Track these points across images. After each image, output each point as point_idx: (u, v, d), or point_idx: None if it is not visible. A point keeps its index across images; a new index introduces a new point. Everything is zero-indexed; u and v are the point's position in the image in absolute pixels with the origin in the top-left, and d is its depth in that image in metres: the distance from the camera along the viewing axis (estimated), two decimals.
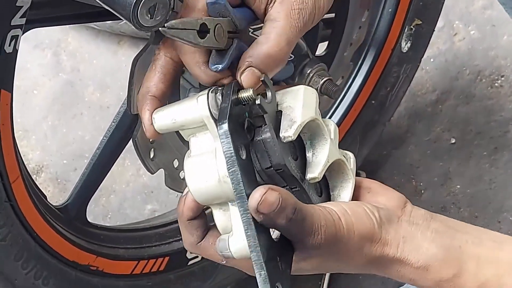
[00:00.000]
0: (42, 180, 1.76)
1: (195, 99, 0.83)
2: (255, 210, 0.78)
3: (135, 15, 0.84)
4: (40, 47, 1.95)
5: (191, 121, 0.83)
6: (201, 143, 0.83)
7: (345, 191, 0.88)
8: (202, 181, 0.81)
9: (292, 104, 0.84)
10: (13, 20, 1.00)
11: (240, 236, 0.80)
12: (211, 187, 0.81)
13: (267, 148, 0.81)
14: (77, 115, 1.86)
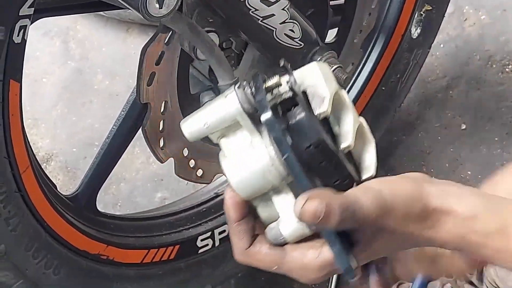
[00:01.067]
0: (52, 169, 1.76)
1: (223, 97, 0.83)
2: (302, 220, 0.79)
3: (144, 5, 0.84)
4: (48, 35, 1.95)
5: (223, 120, 0.83)
6: (235, 141, 0.84)
7: (368, 153, 0.88)
8: (245, 175, 0.82)
9: (313, 82, 0.85)
10: (21, 10, 1.00)
11: (290, 219, 0.82)
12: (255, 179, 0.82)
13: (304, 127, 0.81)
14: (86, 103, 1.86)
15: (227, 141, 0.84)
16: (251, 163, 0.82)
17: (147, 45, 1.14)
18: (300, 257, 0.84)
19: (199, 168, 1.32)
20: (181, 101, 1.23)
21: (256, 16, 1.10)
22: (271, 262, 0.84)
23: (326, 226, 0.79)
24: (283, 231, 0.83)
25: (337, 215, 0.78)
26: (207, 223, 1.43)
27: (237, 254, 0.86)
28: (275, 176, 0.82)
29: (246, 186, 0.82)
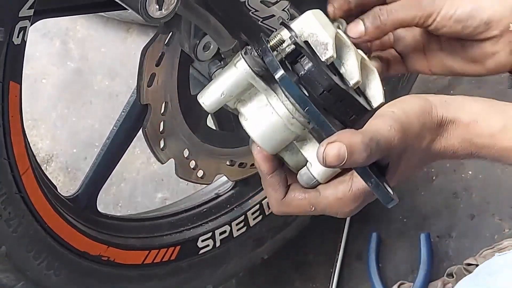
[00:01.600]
0: (52, 169, 1.77)
1: (233, 66, 0.88)
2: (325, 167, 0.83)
3: (144, 7, 0.84)
4: (48, 35, 1.95)
5: (238, 87, 0.88)
6: (252, 103, 0.89)
7: (373, 83, 0.95)
8: (268, 130, 0.88)
9: (312, 30, 0.91)
10: (21, 12, 1.00)
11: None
12: (279, 133, 0.88)
13: (315, 75, 0.87)
14: (86, 104, 1.86)
15: (245, 104, 0.90)
16: (272, 118, 0.88)
17: (147, 46, 1.14)
18: (334, 193, 0.89)
19: (200, 169, 1.32)
20: (182, 102, 1.23)
21: (256, 17, 1.10)
22: (308, 204, 0.90)
23: (353, 163, 0.83)
24: (314, 173, 0.89)
25: (362, 151, 0.82)
26: (207, 224, 1.43)
27: (274, 206, 0.92)
28: (297, 127, 0.88)
29: (270, 140, 0.88)
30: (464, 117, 0.89)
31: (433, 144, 0.89)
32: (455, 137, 0.89)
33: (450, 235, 1.67)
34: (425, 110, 0.88)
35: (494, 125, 0.89)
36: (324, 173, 0.89)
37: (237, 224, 1.45)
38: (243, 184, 1.45)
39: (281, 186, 0.91)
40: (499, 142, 0.89)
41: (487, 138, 0.89)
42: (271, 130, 0.88)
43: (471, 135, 0.89)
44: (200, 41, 1.16)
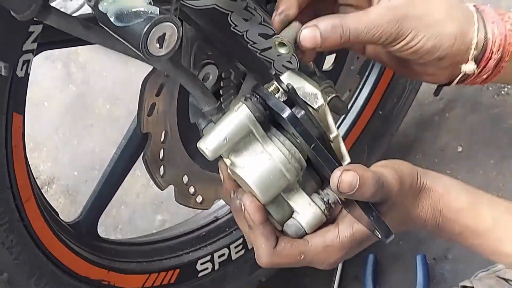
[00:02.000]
0: (53, 192, 1.78)
1: (234, 111, 0.90)
2: (337, 191, 0.86)
3: (145, 45, 0.86)
4: (50, 59, 1.97)
5: (239, 132, 0.89)
6: (247, 152, 0.90)
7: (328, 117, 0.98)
8: (266, 177, 0.89)
9: (299, 84, 0.95)
10: (24, 45, 1.01)
11: (305, 211, 0.90)
12: (276, 180, 0.89)
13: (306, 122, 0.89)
14: (88, 127, 1.88)
15: (239, 154, 0.91)
16: (269, 164, 0.89)
17: (148, 76, 1.17)
18: (322, 241, 0.91)
19: (199, 195, 1.34)
20: (181, 130, 1.25)
21: (254, 49, 1.12)
22: (298, 253, 0.90)
23: (361, 195, 0.85)
24: (302, 222, 0.91)
25: (371, 186, 0.85)
26: (206, 247, 1.44)
27: (264, 256, 0.91)
28: (292, 173, 0.90)
29: (267, 186, 0.89)
30: (439, 188, 0.93)
31: (412, 207, 0.92)
32: (428, 204, 0.92)
33: (446, 257, 1.69)
34: (413, 173, 0.92)
35: (463, 200, 0.93)
36: (311, 223, 0.91)
37: (235, 247, 1.46)
38: None
39: (272, 235, 0.91)
40: (463, 219, 0.93)
41: (453, 213, 0.93)
42: (268, 175, 0.89)
43: (441, 205, 0.93)
44: (199, 73, 1.19)
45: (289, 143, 0.90)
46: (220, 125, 0.90)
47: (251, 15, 1.08)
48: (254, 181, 0.89)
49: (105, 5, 0.87)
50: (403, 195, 0.90)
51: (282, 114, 0.88)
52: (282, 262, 0.91)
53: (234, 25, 1.08)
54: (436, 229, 0.94)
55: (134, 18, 0.86)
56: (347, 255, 0.92)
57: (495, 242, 0.94)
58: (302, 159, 0.90)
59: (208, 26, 1.09)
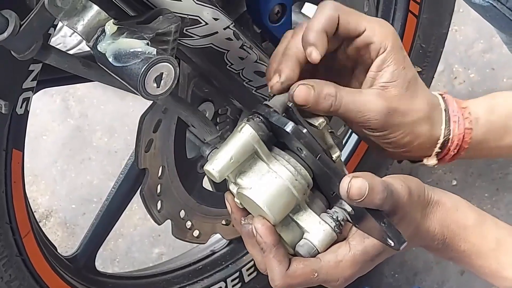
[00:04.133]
0: (51, 225, 1.79)
1: (238, 132, 0.90)
2: (346, 197, 0.86)
3: (142, 85, 0.88)
4: (49, 93, 1.99)
5: (245, 151, 0.90)
6: (254, 173, 0.91)
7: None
8: (275, 196, 0.89)
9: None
10: (24, 84, 1.03)
11: (316, 230, 0.90)
12: (284, 197, 0.90)
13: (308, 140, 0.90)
14: (86, 160, 1.89)
15: (246, 175, 0.91)
16: (277, 183, 0.89)
17: (146, 113, 1.18)
18: (334, 257, 0.90)
19: (196, 229, 1.35)
20: (178, 166, 1.27)
21: (250, 87, 1.14)
22: (311, 272, 0.90)
23: (370, 202, 0.85)
24: (314, 241, 0.91)
25: (380, 193, 0.85)
26: (203, 281, 1.45)
27: (278, 279, 0.91)
28: (299, 189, 0.90)
29: (277, 205, 0.89)
30: (447, 202, 0.93)
31: (421, 221, 0.92)
32: (436, 218, 0.92)
33: None
34: (421, 186, 0.92)
35: (470, 218, 0.94)
36: (323, 240, 0.91)
37: (232, 281, 1.47)
38: (237, 241, 1.48)
39: (285, 257, 0.90)
40: (469, 236, 0.93)
41: (461, 229, 0.93)
42: (276, 194, 0.89)
43: (449, 220, 0.93)
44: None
45: (294, 160, 0.90)
46: (225, 146, 0.90)
47: (247, 54, 1.10)
48: (263, 200, 0.89)
49: (104, 46, 0.89)
50: (412, 206, 0.90)
51: (286, 128, 0.89)
52: (296, 283, 0.91)
53: (230, 63, 1.10)
54: (442, 246, 0.94)
55: (132, 59, 0.88)
56: (360, 271, 0.92)
57: (497, 265, 0.94)
58: (308, 176, 0.90)
59: (205, 64, 1.10)
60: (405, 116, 0.95)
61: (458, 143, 0.99)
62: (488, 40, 2.00)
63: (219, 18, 1.05)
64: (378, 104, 0.94)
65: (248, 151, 0.90)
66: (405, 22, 1.54)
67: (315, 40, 0.93)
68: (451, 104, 1.00)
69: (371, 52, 0.95)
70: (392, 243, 0.87)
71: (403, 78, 0.95)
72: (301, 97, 0.91)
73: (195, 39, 1.04)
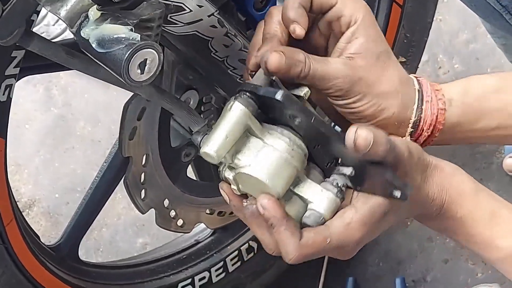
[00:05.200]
0: (34, 214, 1.78)
1: (228, 111, 0.89)
2: (352, 148, 0.84)
3: (126, 71, 0.87)
4: (32, 82, 1.98)
5: (239, 128, 0.88)
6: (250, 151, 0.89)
7: None
8: (276, 169, 0.88)
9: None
10: (7, 70, 1.03)
11: (321, 198, 0.89)
12: (284, 169, 0.88)
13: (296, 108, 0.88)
14: (69, 149, 1.89)
15: (242, 154, 0.89)
16: (275, 155, 0.88)
17: (130, 100, 1.18)
18: (342, 221, 0.89)
19: (180, 218, 1.35)
20: (162, 154, 1.26)
21: (234, 75, 1.14)
22: (323, 240, 0.88)
23: (375, 153, 0.85)
24: (319, 209, 0.89)
25: (384, 143, 0.85)
26: (187, 270, 1.45)
27: (293, 251, 0.88)
28: (298, 159, 0.89)
29: (279, 178, 0.88)
30: (446, 167, 0.92)
31: (421, 183, 0.91)
32: (436, 182, 0.91)
33: (425, 279, 1.70)
34: (419, 148, 0.91)
35: (468, 185, 0.92)
36: (328, 207, 0.89)
37: (216, 270, 1.47)
38: (222, 230, 1.48)
39: (297, 228, 0.89)
40: (466, 202, 0.92)
41: (458, 195, 0.92)
42: (276, 166, 0.88)
43: (447, 185, 0.92)
44: (180, 97, 1.20)
45: (287, 132, 0.89)
46: (218, 127, 0.89)
47: (232, 42, 1.10)
48: (264, 174, 0.88)
49: (87, 31, 0.88)
50: (412, 165, 0.89)
51: (276, 97, 0.87)
52: (311, 253, 0.89)
53: (214, 51, 1.09)
54: (439, 213, 0.93)
55: (116, 44, 0.87)
56: (370, 234, 0.90)
57: (490, 234, 0.93)
58: (303, 145, 0.89)
59: (189, 52, 1.10)
60: (370, 86, 0.94)
61: (431, 124, 0.98)
62: (472, 30, 2.00)
63: (203, 5, 1.04)
64: (343, 71, 0.93)
65: (241, 128, 0.88)
66: (389, 12, 1.54)
67: (295, 16, 0.93)
68: (424, 85, 0.99)
69: (342, 26, 0.95)
70: (398, 194, 0.86)
71: (372, 50, 0.95)
72: (273, 64, 0.91)
73: (180, 26, 1.03)
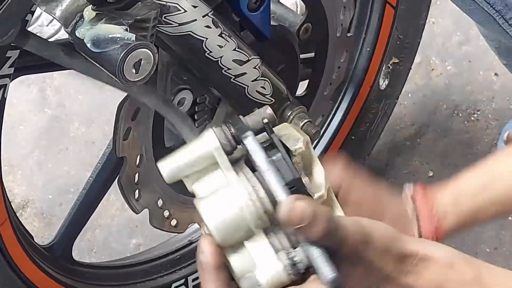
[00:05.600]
0: (27, 215, 1.78)
1: (201, 136, 0.82)
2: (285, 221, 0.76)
3: (121, 71, 0.88)
4: (25, 83, 1.97)
5: (200, 158, 0.81)
6: (210, 183, 0.82)
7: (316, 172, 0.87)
8: (224, 216, 0.79)
9: (287, 132, 0.86)
10: (1, 70, 1.03)
11: (268, 266, 0.80)
12: (233, 217, 0.79)
13: (280, 166, 0.80)
14: (63, 150, 1.88)
15: (202, 184, 0.83)
16: (228, 203, 0.80)
17: (124, 101, 1.18)
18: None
19: (174, 218, 1.35)
20: (156, 154, 1.27)
21: (228, 75, 1.15)
22: None
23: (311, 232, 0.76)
24: (260, 278, 0.80)
25: (323, 222, 0.76)
26: (181, 270, 1.45)
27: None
28: (252, 213, 0.79)
29: (225, 229, 0.80)
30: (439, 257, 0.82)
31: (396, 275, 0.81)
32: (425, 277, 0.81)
33: None
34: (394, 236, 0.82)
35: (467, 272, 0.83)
36: (270, 280, 0.79)
37: None
38: None
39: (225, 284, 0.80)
40: None
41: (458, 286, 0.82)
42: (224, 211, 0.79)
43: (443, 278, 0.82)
44: (174, 98, 1.21)
45: (256, 180, 0.81)
46: (184, 147, 0.83)
47: (226, 42, 1.11)
48: (210, 217, 0.79)
49: (82, 31, 0.89)
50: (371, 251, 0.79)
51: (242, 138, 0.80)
52: None
53: (208, 51, 1.10)
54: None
55: (111, 44, 0.88)
56: None
57: None
58: (268, 202, 0.80)
59: (183, 52, 1.10)
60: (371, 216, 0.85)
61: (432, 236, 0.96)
62: (465, 32, 2.01)
63: (198, 5, 1.05)
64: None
65: (206, 158, 0.81)
66: (383, 13, 1.55)
67: None
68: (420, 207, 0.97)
69: None
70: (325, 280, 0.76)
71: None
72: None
73: (174, 27, 1.04)
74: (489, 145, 1.85)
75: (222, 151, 0.81)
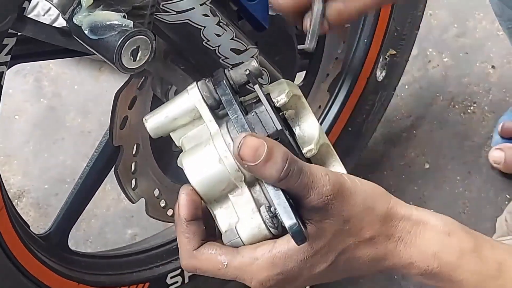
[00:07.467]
0: (23, 205, 1.78)
1: (185, 91, 0.83)
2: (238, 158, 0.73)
3: (119, 58, 0.87)
4: (21, 73, 1.97)
5: (183, 111, 0.82)
6: (196, 137, 0.82)
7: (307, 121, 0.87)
8: (203, 167, 0.80)
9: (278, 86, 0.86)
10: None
11: (249, 219, 0.79)
12: (213, 170, 0.79)
13: (262, 118, 0.80)
14: (59, 140, 1.88)
15: (188, 138, 0.83)
16: (207, 156, 0.80)
17: (120, 90, 1.18)
18: (251, 252, 0.78)
19: (170, 208, 1.35)
20: (153, 143, 1.26)
21: (226, 64, 1.14)
22: (218, 262, 0.78)
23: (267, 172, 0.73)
24: (240, 230, 0.79)
25: (280, 161, 0.72)
26: (176, 261, 1.45)
27: (183, 257, 0.81)
28: (231, 164, 0.79)
29: (204, 181, 0.80)
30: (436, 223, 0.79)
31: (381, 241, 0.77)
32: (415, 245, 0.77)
33: None
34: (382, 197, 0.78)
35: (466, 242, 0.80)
36: (249, 232, 0.79)
37: None
38: None
39: (196, 236, 0.79)
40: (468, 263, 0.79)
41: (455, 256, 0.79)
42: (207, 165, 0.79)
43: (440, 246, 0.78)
44: (171, 86, 1.20)
45: (236, 132, 0.80)
46: (168, 102, 0.83)
47: (224, 31, 1.10)
48: (189, 167, 0.80)
49: (80, 18, 0.89)
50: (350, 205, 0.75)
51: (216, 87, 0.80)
52: (202, 268, 0.78)
53: (206, 40, 1.10)
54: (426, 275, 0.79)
55: (108, 31, 0.87)
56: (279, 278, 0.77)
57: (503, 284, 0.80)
58: None
59: (181, 41, 1.10)
60: None
61: None
62: (462, 24, 2.01)
63: None
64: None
65: (189, 111, 0.82)
66: None
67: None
68: None
69: None
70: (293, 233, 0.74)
71: None
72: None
73: (172, 15, 1.03)
74: (485, 137, 1.85)
75: (203, 104, 0.81)
